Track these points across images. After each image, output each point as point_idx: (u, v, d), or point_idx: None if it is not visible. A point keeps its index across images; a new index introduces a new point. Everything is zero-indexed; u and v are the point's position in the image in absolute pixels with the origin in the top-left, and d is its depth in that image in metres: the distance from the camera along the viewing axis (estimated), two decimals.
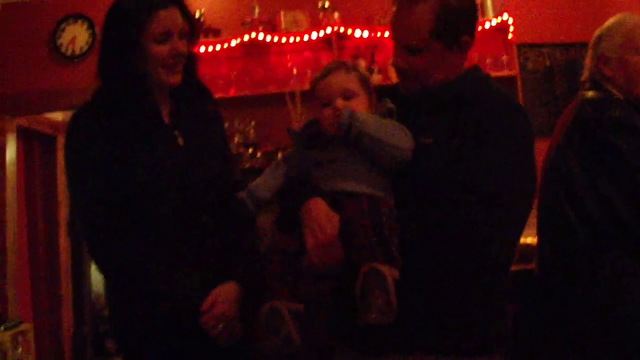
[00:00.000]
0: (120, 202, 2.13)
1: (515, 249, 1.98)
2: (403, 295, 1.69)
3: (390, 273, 1.69)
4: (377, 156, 1.89)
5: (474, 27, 2.08)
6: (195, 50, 2.35)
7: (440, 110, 1.98)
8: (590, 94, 2.64)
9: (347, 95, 1.96)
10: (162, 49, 2.16)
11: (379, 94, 2.09)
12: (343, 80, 1.98)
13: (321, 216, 1.83)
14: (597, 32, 2.78)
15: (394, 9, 2.02)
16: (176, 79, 2.23)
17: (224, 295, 2.16)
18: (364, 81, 2.02)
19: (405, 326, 1.79)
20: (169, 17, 2.16)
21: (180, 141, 2.27)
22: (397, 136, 1.89)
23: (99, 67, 2.22)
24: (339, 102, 1.94)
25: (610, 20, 2.77)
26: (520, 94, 5.49)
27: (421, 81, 2.02)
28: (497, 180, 1.82)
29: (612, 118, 2.47)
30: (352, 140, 1.87)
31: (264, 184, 2.07)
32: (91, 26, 5.65)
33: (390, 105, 1.99)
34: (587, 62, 2.78)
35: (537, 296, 2.75)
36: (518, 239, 1.96)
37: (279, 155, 4.70)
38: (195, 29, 2.29)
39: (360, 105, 1.96)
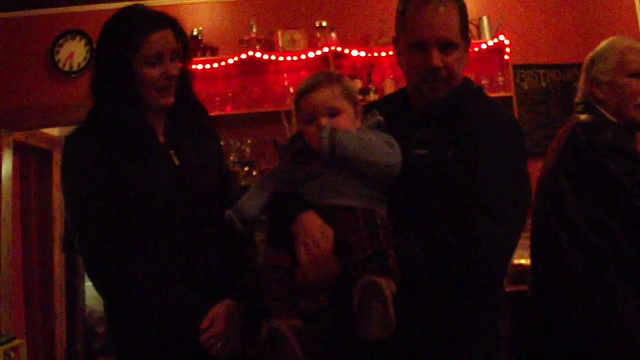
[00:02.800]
0: (117, 222, 2.13)
1: (509, 262, 1.96)
2: (400, 308, 1.66)
3: (388, 286, 1.66)
4: (364, 173, 1.86)
5: None
6: (192, 68, 2.35)
7: (434, 122, 1.98)
8: (583, 117, 2.65)
9: (332, 113, 1.91)
10: (153, 72, 2.16)
11: (371, 107, 2.07)
12: (327, 97, 1.92)
13: (315, 230, 1.81)
14: (590, 55, 2.80)
15: (413, 9, 1.97)
16: (168, 100, 2.23)
17: (223, 313, 2.16)
18: (349, 94, 1.97)
19: (402, 339, 1.76)
20: (162, 39, 2.16)
21: (176, 160, 2.26)
22: (382, 151, 1.87)
23: (91, 85, 2.22)
24: (323, 121, 1.90)
25: (603, 44, 2.78)
26: (515, 115, 5.50)
27: (449, 82, 1.98)
28: (494, 192, 1.81)
29: (604, 141, 2.48)
30: (337, 160, 1.84)
31: (251, 202, 2.03)
32: (89, 42, 5.66)
33: (379, 117, 1.97)
34: (581, 84, 2.79)
35: (531, 318, 2.74)
36: (514, 250, 1.92)
37: None
38: (188, 49, 2.29)
39: (345, 121, 1.92)
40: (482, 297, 1.91)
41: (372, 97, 5.29)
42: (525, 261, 3.42)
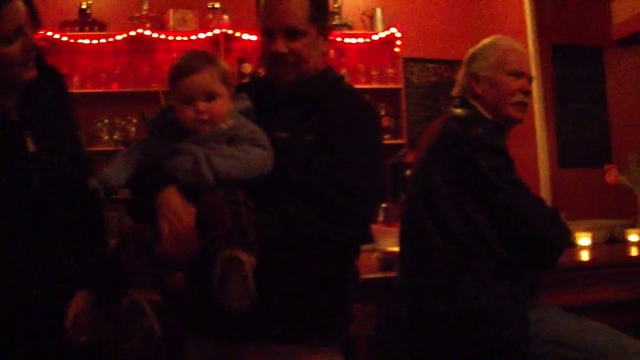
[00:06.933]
0: None
1: (367, 240, 2.09)
2: (259, 286, 1.73)
3: (248, 260, 1.72)
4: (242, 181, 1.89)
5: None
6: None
7: (296, 106, 2.06)
8: (457, 111, 2.70)
9: (210, 97, 1.94)
10: (14, 48, 1.98)
11: (240, 89, 2.12)
12: (207, 81, 1.94)
13: (178, 206, 1.83)
14: (471, 50, 2.85)
15: None
16: (32, 73, 2.06)
17: (80, 307, 2.10)
18: (225, 77, 2.00)
19: (259, 315, 1.81)
20: (15, 11, 1.97)
21: (30, 145, 2.09)
22: (259, 161, 1.90)
23: None
24: (201, 105, 1.92)
25: (485, 41, 2.84)
26: (403, 107, 5.62)
27: (298, 67, 2.07)
28: (352, 174, 1.91)
29: (476, 136, 2.53)
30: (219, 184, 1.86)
31: (116, 172, 1.99)
32: None
33: (249, 102, 2.01)
34: (459, 78, 2.85)
35: (399, 305, 2.78)
36: (370, 230, 2.07)
37: None
38: (37, 15, 2.08)
39: (221, 106, 1.95)
40: (338, 275, 2.03)
41: None
42: (396, 249, 3.47)
